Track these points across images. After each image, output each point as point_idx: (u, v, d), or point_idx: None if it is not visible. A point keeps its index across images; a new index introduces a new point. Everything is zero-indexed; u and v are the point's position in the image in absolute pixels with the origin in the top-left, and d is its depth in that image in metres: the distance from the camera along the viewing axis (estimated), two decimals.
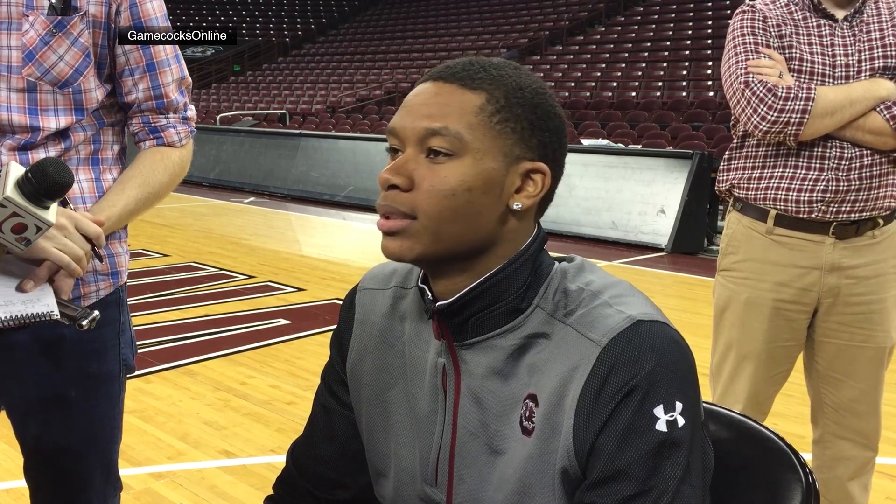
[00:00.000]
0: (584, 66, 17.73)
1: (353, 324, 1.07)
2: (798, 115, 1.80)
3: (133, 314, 1.53)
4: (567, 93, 15.74)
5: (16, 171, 1.13)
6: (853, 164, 1.84)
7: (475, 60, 0.93)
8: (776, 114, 1.81)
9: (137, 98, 1.38)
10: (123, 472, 1.61)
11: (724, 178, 2.02)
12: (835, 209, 1.86)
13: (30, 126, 1.29)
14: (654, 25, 19.06)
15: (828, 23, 1.89)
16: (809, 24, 1.90)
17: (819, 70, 1.86)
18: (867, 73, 1.85)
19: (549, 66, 18.19)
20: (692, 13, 19.00)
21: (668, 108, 13.56)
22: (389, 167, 0.89)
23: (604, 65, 17.49)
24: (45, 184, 1.11)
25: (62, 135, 1.33)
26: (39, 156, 1.29)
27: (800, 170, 1.87)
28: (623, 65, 17.14)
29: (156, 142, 1.41)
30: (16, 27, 1.28)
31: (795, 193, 1.87)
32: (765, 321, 1.94)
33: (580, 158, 8.39)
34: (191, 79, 1.46)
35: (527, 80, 0.92)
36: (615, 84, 15.98)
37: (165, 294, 5.45)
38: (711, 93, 14.22)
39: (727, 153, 2.03)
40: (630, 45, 18.29)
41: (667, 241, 7.63)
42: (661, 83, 15.49)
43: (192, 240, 7.90)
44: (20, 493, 2.52)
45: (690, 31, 17.97)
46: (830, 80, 1.86)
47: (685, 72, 15.81)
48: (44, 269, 1.20)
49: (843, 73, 1.86)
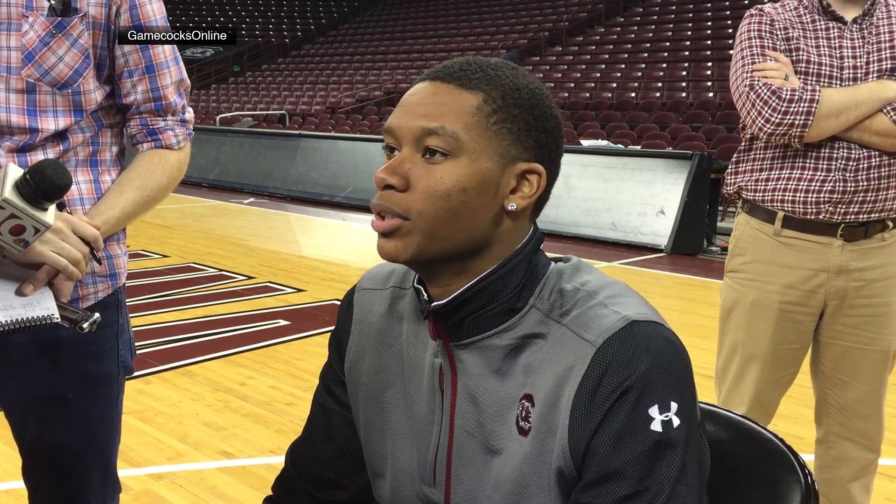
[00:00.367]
0: (584, 67, 17.73)
1: (352, 324, 1.07)
2: (802, 117, 1.80)
3: (132, 315, 1.53)
4: (566, 93, 15.73)
5: (14, 173, 1.13)
6: (860, 166, 1.84)
7: (472, 60, 0.93)
8: (780, 115, 1.81)
9: (136, 100, 1.38)
10: (123, 473, 1.61)
11: (733, 181, 2.02)
12: (842, 210, 1.85)
13: (28, 127, 1.29)
14: (654, 26, 19.06)
15: (836, 25, 1.89)
16: (818, 27, 1.90)
17: (826, 72, 1.86)
18: (875, 75, 1.85)
19: (549, 67, 18.19)
20: (691, 14, 19.00)
21: (668, 109, 13.55)
22: (385, 167, 0.89)
23: (603, 65, 17.49)
24: (44, 185, 1.11)
25: (61, 136, 1.33)
26: (38, 157, 1.29)
27: (807, 171, 1.87)
28: (622, 65, 17.14)
29: (154, 144, 1.41)
30: (15, 28, 1.27)
31: (803, 195, 1.87)
32: (771, 323, 1.94)
33: (579, 159, 8.39)
34: (189, 81, 1.46)
35: (524, 81, 0.92)
36: (614, 85, 15.98)
37: (165, 295, 5.45)
38: (711, 93, 14.22)
39: (735, 156, 2.03)
40: (629, 46, 18.29)
41: (666, 242, 7.63)
42: (661, 84, 15.49)
43: (192, 240, 7.90)
44: (19, 495, 2.52)
45: (690, 32, 17.97)
46: (838, 82, 1.85)
47: (684, 72, 15.81)
48: (43, 273, 1.20)
49: (851, 75, 1.85)
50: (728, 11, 18.20)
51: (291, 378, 3.85)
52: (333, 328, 1.11)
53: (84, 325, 1.17)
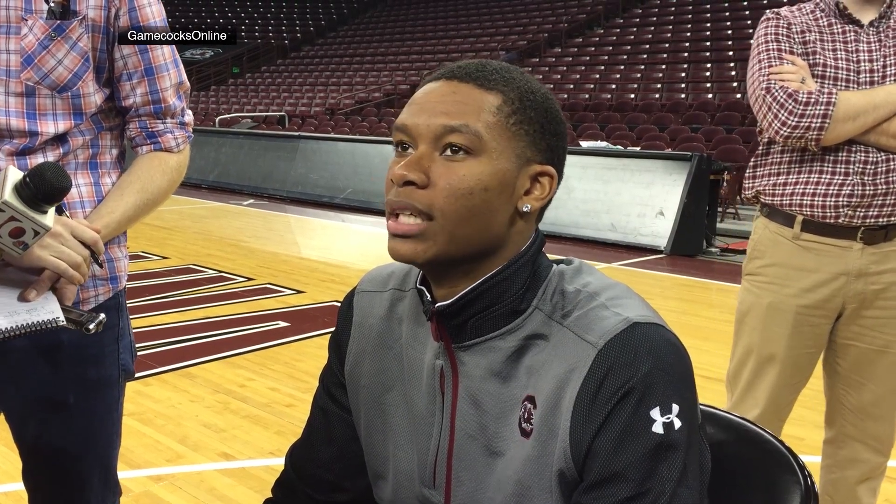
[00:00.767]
0: (583, 68, 17.74)
1: (352, 326, 1.07)
2: (819, 120, 1.79)
3: (132, 316, 1.53)
4: (566, 95, 15.74)
5: (14, 176, 1.13)
6: (879, 169, 1.83)
7: (486, 62, 0.93)
8: (797, 119, 1.80)
9: (135, 102, 1.38)
10: (122, 475, 1.61)
11: (751, 185, 2.01)
12: (861, 214, 1.85)
13: (28, 131, 1.29)
14: (653, 28, 19.07)
15: (853, 28, 1.88)
16: (835, 31, 1.89)
17: (843, 76, 1.86)
18: (892, 78, 1.84)
19: (548, 68, 18.20)
20: (691, 15, 19.01)
21: (667, 110, 13.56)
22: (405, 163, 0.88)
23: (602, 67, 17.49)
24: (43, 188, 1.11)
25: (61, 139, 1.32)
26: (38, 160, 1.29)
27: (825, 175, 1.86)
28: (622, 67, 17.15)
29: (153, 147, 1.41)
30: (14, 31, 1.27)
31: (821, 198, 1.86)
32: (787, 327, 1.93)
33: (579, 160, 8.39)
34: (189, 83, 1.45)
35: (535, 84, 0.92)
36: (614, 86, 15.98)
37: (164, 296, 5.45)
38: (710, 95, 14.23)
39: (752, 160, 2.02)
40: (629, 48, 18.30)
41: (666, 243, 7.63)
42: (660, 85, 15.50)
43: (192, 242, 7.90)
44: (19, 497, 2.52)
45: (689, 34, 17.98)
46: (854, 86, 1.85)
47: (684, 74, 15.82)
48: (45, 278, 1.19)
49: (868, 79, 1.85)
50: (727, 13, 18.23)
51: (291, 380, 3.85)
52: (333, 330, 1.11)
53: (90, 327, 1.17)
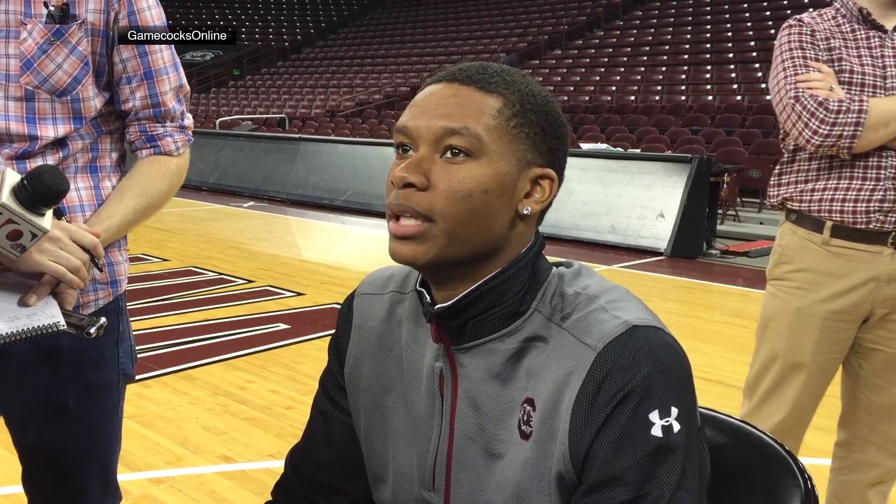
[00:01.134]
0: (583, 71, 17.75)
1: (351, 329, 1.07)
2: (851, 128, 1.79)
3: (132, 319, 1.53)
4: (566, 97, 15.75)
5: (11, 178, 1.13)
6: None
7: (487, 65, 0.93)
8: (829, 127, 1.80)
9: (134, 106, 1.37)
10: (122, 478, 1.61)
11: (776, 193, 2.00)
12: (893, 219, 1.84)
13: (28, 135, 1.29)
14: (653, 30, 19.08)
15: (877, 34, 1.88)
16: (858, 36, 1.89)
17: (870, 81, 1.85)
18: None
19: (548, 70, 18.21)
20: (691, 17, 19.03)
21: (667, 112, 13.57)
22: (406, 165, 0.88)
23: (603, 69, 17.51)
24: (41, 191, 1.11)
25: (60, 143, 1.32)
26: (37, 164, 1.28)
27: (855, 180, 1.85)
28: (622, 69, 17.16)
29: (153, 151, 1.40)
30: (14, 35, 1.27)
31: (852, 204, 1.85)
32: (814, 332, 1.92)
33: (579, 163, 8.39)
34: (189, 86, 1.45)
35: (536, 87, 0.93)
36: (614, 88, 16.00)
37: (164, 299, 5.45)
38: (710, 97, 14.23)
39: (778, 167, 2.01)
40: (629, 50, 18.31)
41: (666, 245, 7.64)
42: (660, 87, 15.51)
43: (192, 244, 7.90)
44: (19, 500, 2.52)
45: (689, 36, 18.00)
46: (882, 92, 1.84)
47: (684, 76, 15.83)
48: (45, 283, 1.19)
49: (895, 85, 1.84)
50: (727, 15, 18.24)
51: (291, 382, 3.85)
52: (333, 333, 1.11)
53: (91, 331, 1.17)
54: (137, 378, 3.58)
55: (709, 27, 17.97)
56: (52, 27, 1.27)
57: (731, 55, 16.07)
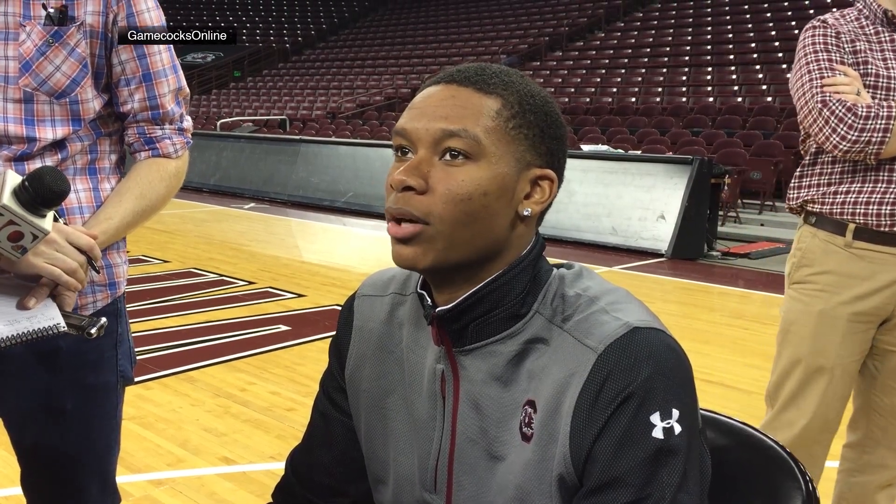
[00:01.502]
0: (584, 72, 17.76)
1: (352, 331, 1.07)
2: (880, 135, 1.78)
3: (133, 321, 1.53)
4: (567, 98, 15.75)
5: (12, 180, 1.13)
6: None
7: (485, 66, 0.93)
8: (857, 133, 1.78)
9: (133, 108, 1.37)
10: (122, 479, 1.61)
11: (796, 195, 1.99)
12: None
13: (26, 136, 1.29)
14: (654, 31, 19.09)
15: None
16: (882, 39, 1.88)
17: (895, 85, 1.84)
18: None
19: (549, 72, 18.22)
20: (692, 19, 19.03)
21: (668, 114, 13.57)
22: (404, 168, 0.88)
23: (603, 70, 17.51)
24: (42, 192, 1.11)
25: (59, 145, 1.32)
26: (36, 166, 1.28)
27: (880, 184, 1.85)
28: (623, 70, 17.16)
29: (151, 153, 1.40)
30: (12, 37, 1.27)
31: (876, 207, 1.84)
32: (838, 335, 1.91)
33: (580, 164, 8.40)
34: (188, 89, 1.44)
35: (535, 88, 0.92)
36: (615, 90, 16.00)
37: (165, 300, 5.45)
38: (711, 98, 14.24)
39: (799, 169, 2.00)
40: (630, 51, 18.31)
41: (667, 247, 7.64)
42: (661, 89, 15.51)
43: (193, 246, 7.91)
44: (19, 501, 2.51)
45: (690, 37, 18.00)
46: None
47: (685, 77, 15.83)
48: (43, 285, 1.19)
49: None
50: (728, 17, 18.24)
51: (292, 383, 3.85)
52: (334, 335, 1.11)
53: (92, 331, 1.17)
54: (138, 380, 3.58)
55: (709, 28, 17.97)
56: (51, 29, 1.27)
57: (732, 56, 16.08)
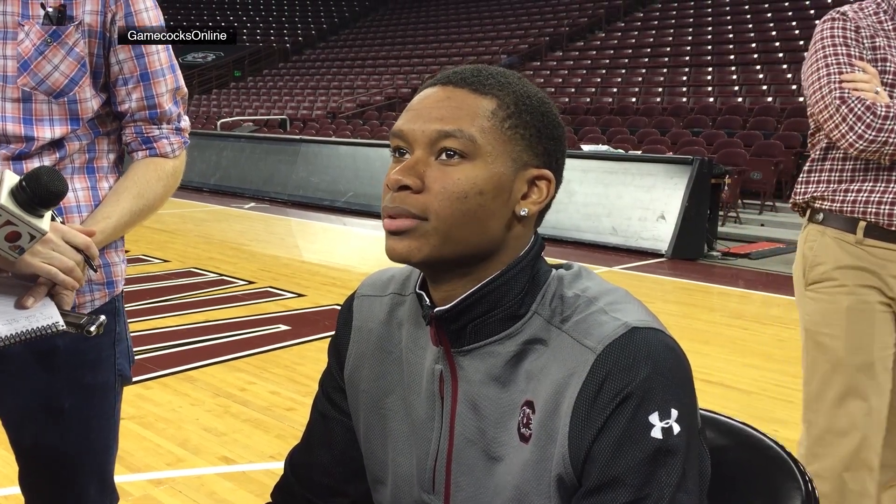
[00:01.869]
0: (584, 72, 17.76)
1: (351, 331, 1.07)
2: None
3: (133, 320, 1.53)
4: (567, 98, 15.75)
5: (10, 180, 1.13)
6: None
7: (482, 67, 0.93)
8: (875, 133, 1.75)
9: (130, 108, 1.37)
10: (122, 479, 1.61)
11: (803, 191, 1.96)
12: None
13: (24, 136, 1.29)
14: (654, 31, 19.09)
15: None
16: None
17: None
18: None
19: (549, 72, 18.22)
20: (692, 19, 19.03)
21: (668, 114, 13.57)
22: (400, 168, 0.89)
23: (604, 70, 17.51)
24: (40, 192, 1.11)
25: (57, 144, 1.32)
26: (34, 165, 1.28)
27: (893, 184, 1.82)
28: (623, 70, 17.17)
29: (148, 153, 1.40)
30: (11, 36, 1.27)
31: (888, 207, 1.82)
32: (871, 325, 1.85)
33: (580, 164, 8.40)
34: (187, 88, 1.44)
35: (532, 89, 0.93)
36: (615, 90, 16.00)
37: (165, 300, 5.45)
38: (711, 98, 14.23)
39: (807, 165, 1.97)
40: (630, 51, 18.31)
41: (667, 247, 7.64)
42: (661, 89, 15.51)
43: (193, 245, 7.91)
44: (18, 500, 2.51)
45: (690, 37, 18.00)
46: None
47: (685, 77, 15.83)
48: (41, 284, 1.19)
49: None
50: (728, 17, 18.24)
51: (291, 383, 3.85)
52: (333, 335, 1.11)
53: (91, 329, 1.17)
54: (138, 379, 3.58)
55: (710, 29, 17.97)
56: (50, 28, 1.27)
57: (732, 57, 16.08)
